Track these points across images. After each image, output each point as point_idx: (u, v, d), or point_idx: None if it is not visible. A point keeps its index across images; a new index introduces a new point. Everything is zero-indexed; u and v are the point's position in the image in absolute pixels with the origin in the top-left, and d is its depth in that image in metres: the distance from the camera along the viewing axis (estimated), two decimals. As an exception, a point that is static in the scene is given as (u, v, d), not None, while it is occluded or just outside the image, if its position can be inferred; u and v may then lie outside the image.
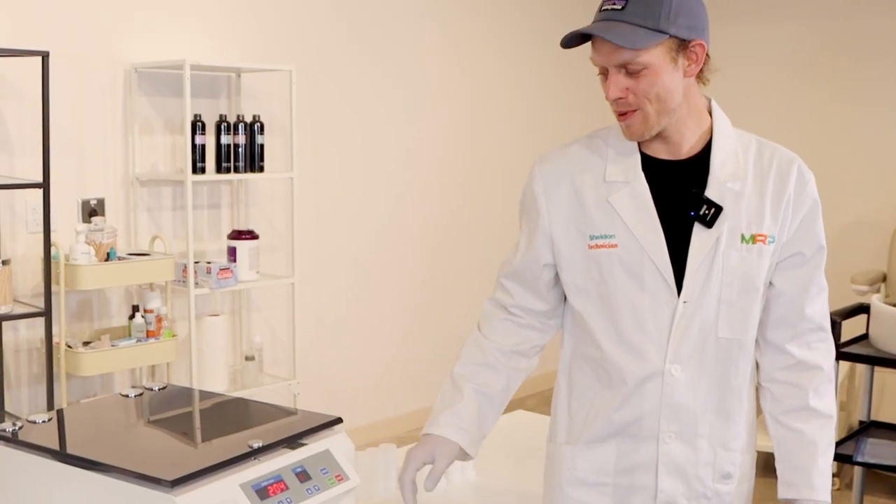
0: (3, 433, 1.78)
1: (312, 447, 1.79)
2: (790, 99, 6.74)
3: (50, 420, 1.86)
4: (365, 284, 5.72)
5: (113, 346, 4.22)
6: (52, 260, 4.01)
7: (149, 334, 4.36)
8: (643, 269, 1.93)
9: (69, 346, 4.17)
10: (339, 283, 5.58)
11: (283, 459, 1.73)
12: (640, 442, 1.97)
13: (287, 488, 1.68)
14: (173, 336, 4.42)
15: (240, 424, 1.98)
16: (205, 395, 2.13)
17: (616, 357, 1.96)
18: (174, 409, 2.05)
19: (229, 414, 2.03)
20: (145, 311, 4.39)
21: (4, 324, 4.22)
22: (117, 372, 4.56)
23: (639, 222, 1.94)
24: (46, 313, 3.95)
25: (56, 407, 4.10)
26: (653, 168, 1.97)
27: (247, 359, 4.87)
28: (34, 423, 1.84)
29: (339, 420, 1.91)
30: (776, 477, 2.00)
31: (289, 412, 2.00)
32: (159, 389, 2.07)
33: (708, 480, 1.97)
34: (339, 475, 1.79)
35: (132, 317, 4.38)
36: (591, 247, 1.97)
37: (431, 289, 6.10)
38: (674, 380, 1.93)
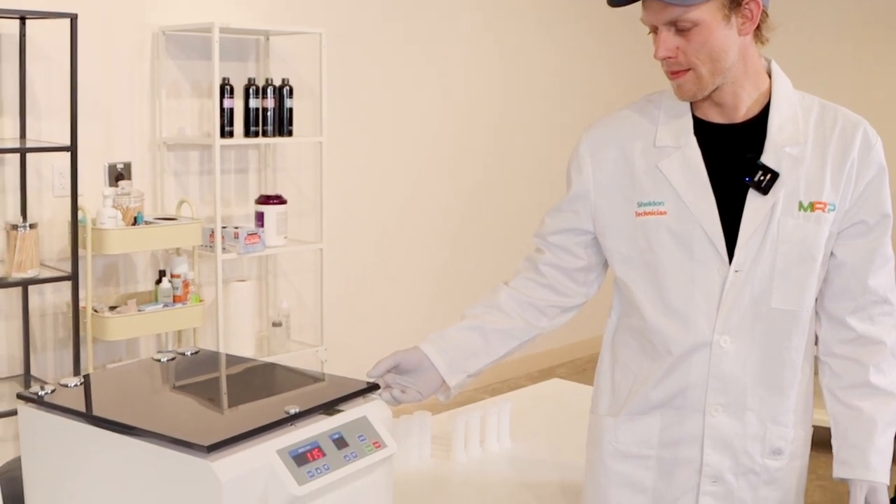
0: (32, 396, 1.73)
1: (349, 413, 1.74)
2: (856, 60, 6.55)
3: (81, 383, 1.81)
4: (393, 250, 5.68)
5: (139, 310, 4.19)
6: (78, 224, 3.97)
7: (175, 299, 4.32)
8: (693, 238, 1.87)
9: (95, 311, 4.14)
10: (367, 249, 5.53)
11: (320, 426, 1.67)
12: (686, 414, 1.91)
13: (324, 455, 1.63)
14: (200, 301, 4.39)
15: (274, 390, 1.93)
16: (238, 360, 2.09)
17: (662, 327, 1.90)
18: (207, 374, 2.00)
19: (263, 379, 1.98)
20: (172, 275, 4.35)
21: (31, 288, 4.19)
22: (143, 337, 4.53)
23: (689, 189, 1.87)
24: (73, 277, 3.92)
25: (82, 372, 4.08)
26: (706, 132, 1.90)
27: (274, 325, 4.84)
28: (65, 386, 1.79)
29: (375, 386, 1.86)
30: (832, 454, 1.94)
31: (323, 378, 1.95)
32: (191, 354, 2.03)
33: (756, 455, 1.91)
34: (376, 442, 1.73)
35: (159, 281, 4.35)
36: (638, 214, 1.91)
37: (460, 254, 6.04)
38: (722, 351, 1.87)
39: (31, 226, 3.82)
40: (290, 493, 1.54)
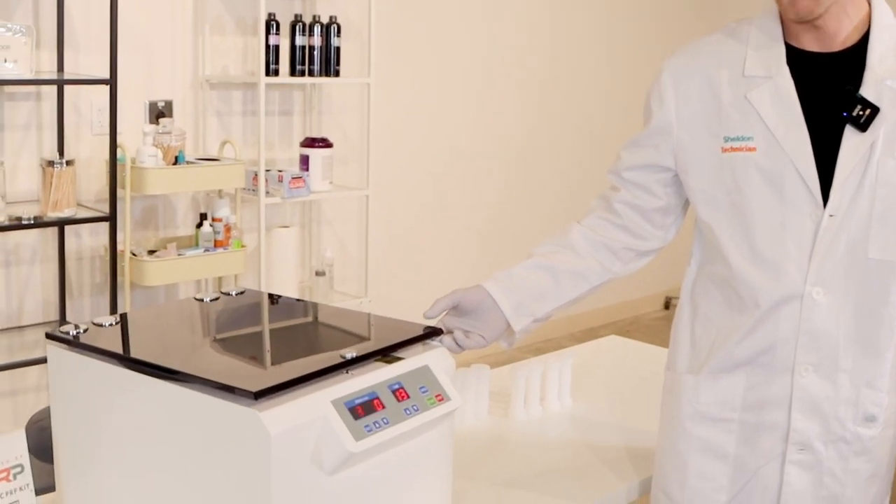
0: (65, 335, 1.57)
1: (409, 362, 1.57)
2: None
3: (116, 323, 1.65)
4: (441, 198, 5.50)
5: (179, 255, 4.04)
6: (117, 162, 3.82)
7: (216, 244, 4.17)
8: (784, 177, 1.68)
9: (134, 255, 3.99)
10: (414, 197, 5.36)
11: (378, 375, 1.50)
12: (773, 374, 1.72)
13: (383, 407, 1.46)
14: (242, 247, 4.23)
15: (327, 334, 1.76)
16: (285, 301, 1.91)
17: (748, 276, 1.71)
18: (254, 316, 1.83)
19: (314, 322, 1.81)
20: (213, 219, 4.20)
21: (67, 230, 4.05)
22: (183, 283, 4.39)
23: (781, 122, 1.68)
24: (111, 218, 3.77)
25: (120, 316, 3.94)
26: (800, 61, 1.71)
27: (317, 274, 4.69)
28: (100, 325, 1.64)
29: (438, 331, 1.69)
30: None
31: (379, 321, 1.77)
32: (237, 294, 1.86)
33: (848, 422, 1.72)
34: (439, 395, 1.56)
35: (199, 225, 4.19)
36: (724, 150, 1.72)
37: (510, 203, 5.85)
38: (814, 303, 1.67)
39: (68, 163, 3.67)
40: (346, 449, 1.37)
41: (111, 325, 1.64)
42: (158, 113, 4.26)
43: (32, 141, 3.97)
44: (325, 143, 4.50)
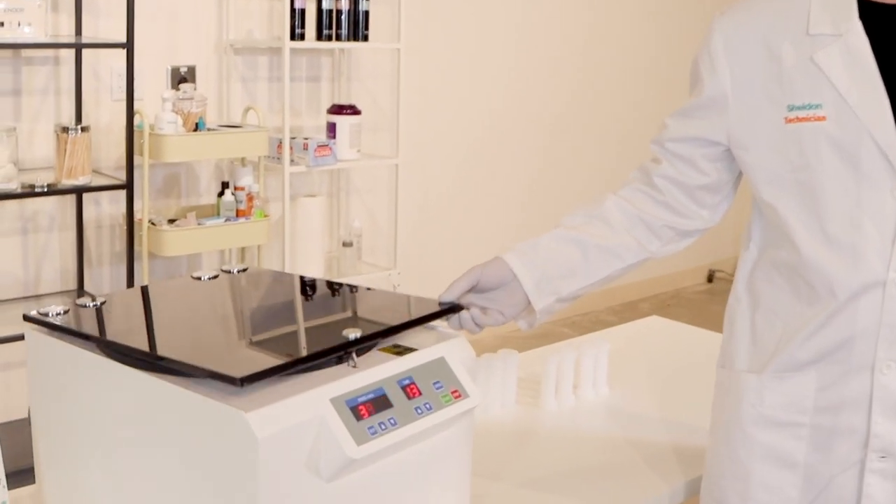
0: (42, 318, 1.42)
1: (423, 354, 1.40)
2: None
3: (101, 304, 1.49)
4: (474, 167, 5.32)
5: (199, 224, 3.89)
6: (135, 129, 3.67)
7: (239, 213, 4.02)
8: (860, 149, 1.47)
9: (152, 224, 3.84)
10: (446, 166, 5.18)
11: (386, 368, 1.34)
12: (850, 372, 1.52)
13: (391, 405, 1.29)
14: (265, 217, 4.08)
15: (333, 313, 1.59)
16: (291, 278, 1.74)
17: (821, 262, 1.51)
18: (252, 296, 1.67)
19: (322, 300, 1.64)
20: (236, 188, 4.05)
21: (86, 198, 3.92)
22: (205, 254, 4.25)
23: (854, 87, 1.47)
24: (128, 186, 3.62)
25: (138, 288, 3.81)
26: (874, 15, 1.49)
27: (344, 245, 4.53)
28: (83, 307, 1.48)
29: (456, 307, 1.52)
30: None
31: (393, 298, 1.60)
32: (238, 272, 1.70)
33: None
34: (455, 391, 1.39)
35: (221, 194, 4.04)
36: (789, 120, 1.51)
37: (546, 173, 5.66)
38: None
39: (84, 129, 3.52)
40: (346, 455, 1.21)
41: (95, 306, 1.48)
42: (181, 78, 4.11)
43: (50, 106, 3.83)
44: (352, 111, 4.33)
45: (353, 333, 1.34)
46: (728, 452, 1.64)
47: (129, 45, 3.53)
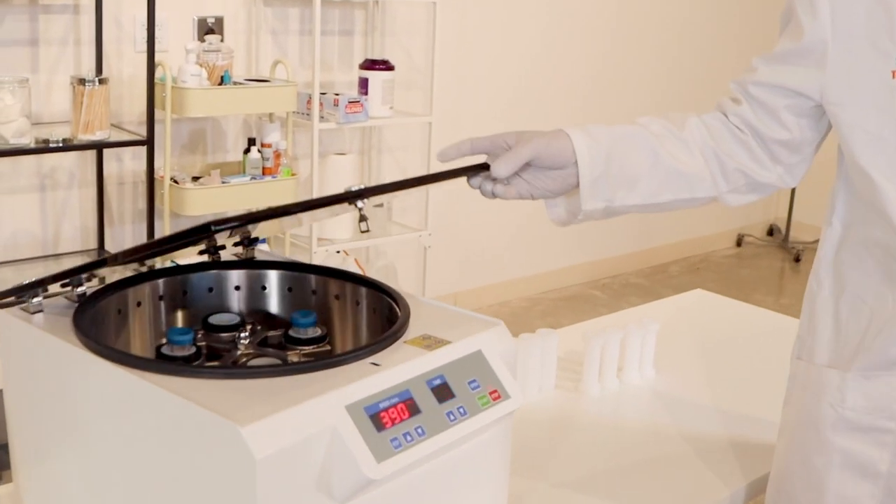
0: (18, 300, 1.25)
1: (457, 347, 1.21)
2: None
3: (82, 293, 1.31)
4: (509, 127, 5.08)
5: (223, 182, 3.71)
6: (157, 82, 3.49)
7: (265, 171, 3.84)
8: None
9: (175, 181, 3.67)
10: (481, 125, 4.97)
11: (413, 367, 1.15)
12: None
13: (419, 411, 1.11)
14: (293, 175, 3.90)
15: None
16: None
17: None
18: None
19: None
20: (262, 145, 3.87)
21: (107, 154, 3.76)
22: (232, 213, 4.08)
23: None
24: (148, 142, 3.45)
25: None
26: None
27: (375, 205, 4.34)
28: (68, 286, 1.30)
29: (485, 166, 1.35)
30: None
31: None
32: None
33: None
34: (494, 391, 1.21)
35: (247, 151, 3.86)
36: None
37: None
38: None
39: (102, 81, 3.34)
40: (363, 474, 1.02)
41: (80, 289, 1.30)
42: (208, 30, 3.92)
43: (69, 58, 3.66)
44: (385, 66, 4.12)
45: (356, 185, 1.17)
46: (801, 458, 1.45)
47: (150, -8, 3.35)
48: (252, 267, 1.48)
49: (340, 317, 1.42)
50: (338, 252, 4.07)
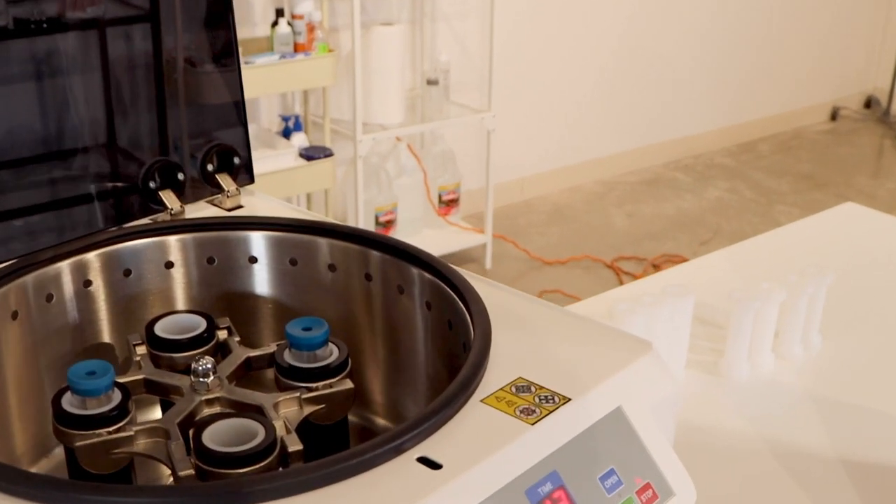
0: None
1: (581, 406, 0.65)
2: None
3: None
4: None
5: (247, 63, 3.15)
6: (161, -58, 2.91)
7: (297, 48, 3.27)
8: None
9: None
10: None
11: (502, 466, 0.59)
12: None
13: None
14: (330, 51, 3.33)
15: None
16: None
17: None
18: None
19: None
20: (293, 16, 3.30)
21: (110, 32, 3.19)
22: (263, 98, 3.55)
23: None
24: (152, 17, 2.88)
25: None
26: None
27: (429, 83, 3.82)
28: None
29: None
30: None
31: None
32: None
33: None
34: (647, 486, 0.65)
35: (275, 24, 3.30)
36: None
37: (649, 12, 4.83)
38: None
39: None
40: None
41: None
42: None
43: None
44: (437, -85, 3.51)
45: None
46: None
47: None
48: (232, 227, 0.93)
49: (369, 316, 0.87)
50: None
